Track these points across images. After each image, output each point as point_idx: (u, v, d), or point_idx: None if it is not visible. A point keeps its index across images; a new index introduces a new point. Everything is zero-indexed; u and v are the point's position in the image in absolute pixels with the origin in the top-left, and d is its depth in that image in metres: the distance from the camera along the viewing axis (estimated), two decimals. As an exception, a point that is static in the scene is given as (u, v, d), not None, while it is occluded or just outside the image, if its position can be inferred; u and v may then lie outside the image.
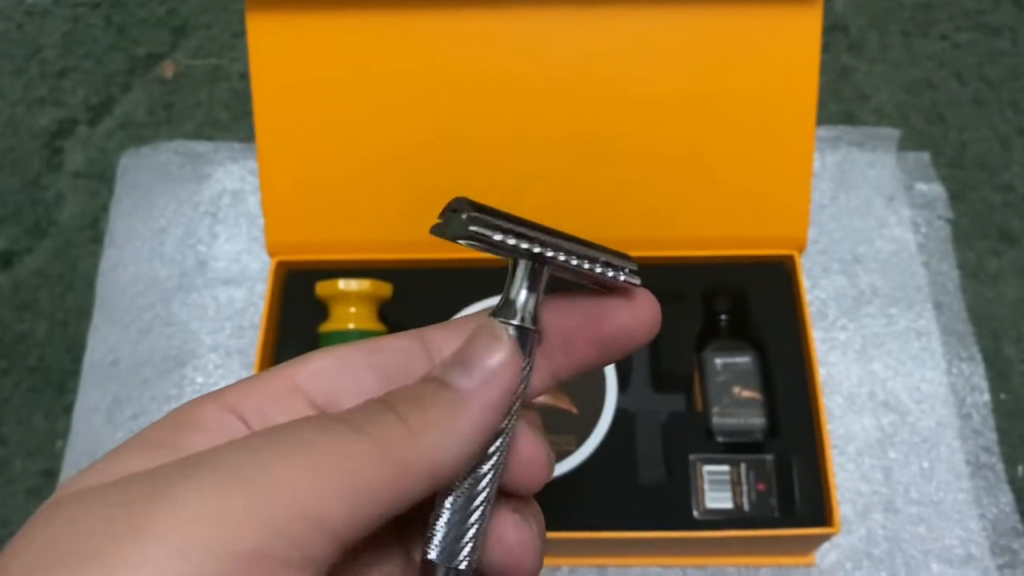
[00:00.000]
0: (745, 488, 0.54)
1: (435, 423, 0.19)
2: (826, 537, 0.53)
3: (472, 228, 0.20)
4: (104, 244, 0.70)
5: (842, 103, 0.74)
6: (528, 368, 0.22)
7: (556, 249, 0.21)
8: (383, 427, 0.19)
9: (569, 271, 0.22)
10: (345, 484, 0.17)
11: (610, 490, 0.54)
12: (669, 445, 0.56)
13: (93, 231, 0.71)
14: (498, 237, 0.21)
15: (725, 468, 0.55)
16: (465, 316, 0.24)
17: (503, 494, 0.22)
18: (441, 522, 0.21)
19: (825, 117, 0.73)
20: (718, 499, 0.54)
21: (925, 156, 0.71)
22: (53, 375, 0.66)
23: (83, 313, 0.68)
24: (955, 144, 0.72)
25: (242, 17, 0.55)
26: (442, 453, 0.19)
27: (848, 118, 0.74)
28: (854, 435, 0.61)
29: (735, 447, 0.56)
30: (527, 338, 0.22)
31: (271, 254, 0.59)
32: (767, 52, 0.55)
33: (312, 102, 0.56)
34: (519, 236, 0.21)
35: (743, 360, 0.57)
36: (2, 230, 0.71)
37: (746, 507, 0.54)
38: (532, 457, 0.22)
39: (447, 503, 0.21)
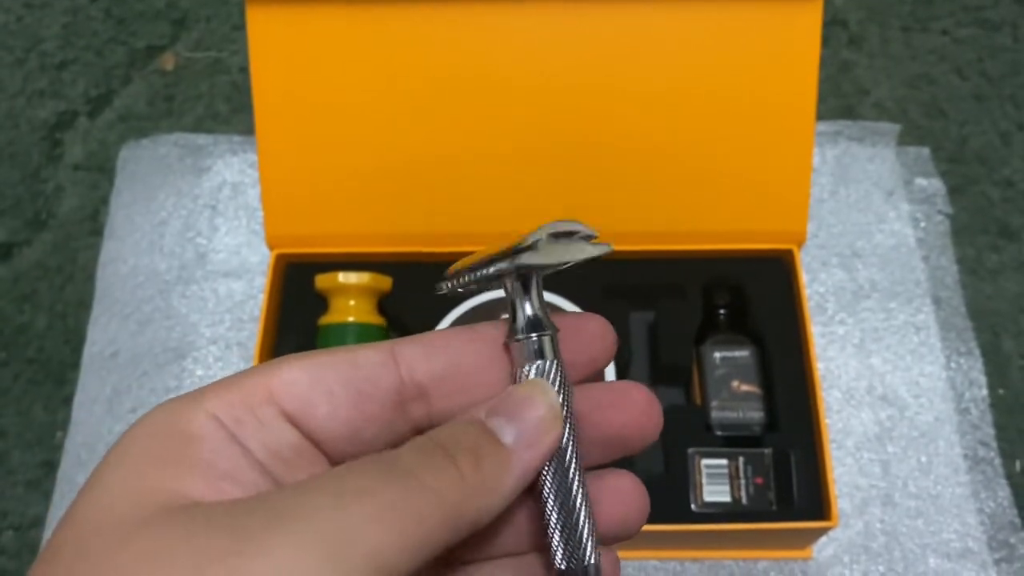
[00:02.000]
0: (743, 482, 0.54)
1: (488, 480, 0.21)
2: (824, 531, 0.53)
3: (466, 281, 0.24)
4: (104, 236, 0.70)
5: (842, 98, 0.74)
6: (561, 367, 0.23)
7: (532, 253, 0.23)
8: (442, 478, 0.20)
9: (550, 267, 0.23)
10: (408, 533, 0.19)
11: (608, 483, 0.54)
12: (667, 438, 0.56)
13: (93, 223, 0.71)
14: (482, 272, 0.23)
15: (723, 462, 0.55)
16: (439, 331, 0.25)
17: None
18: (555, 534, 0.22)
19: (825, 112, 0.73)
20: (716, 492, 0.54)
21: (925, 151, 0.71)
22: (53, 367, 0.66)
23: (83, 305, 0.68)
24: (955, 139, 0.72)
25: (242, 10, 0.55)
26: (491, 507, 0.21)
27: (848, 113, 0.74)
28: (852, 429, 0.61)
29: (733, 441, 0.56)
30: (551, 343, 0.23)
31: (271, 247, 0.59)
32: (767, 47, 0.55)
33: (312, 95, 0.56)
34: (498, 263, 0.23)
35: (742, 354, 0.58)
36: (2, 222, 0.71)
37: (744, 500, 0.54)
38: (644, 421, 0.24)
39: (551, 515, 0.22)
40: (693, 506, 0.54)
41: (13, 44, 0.78)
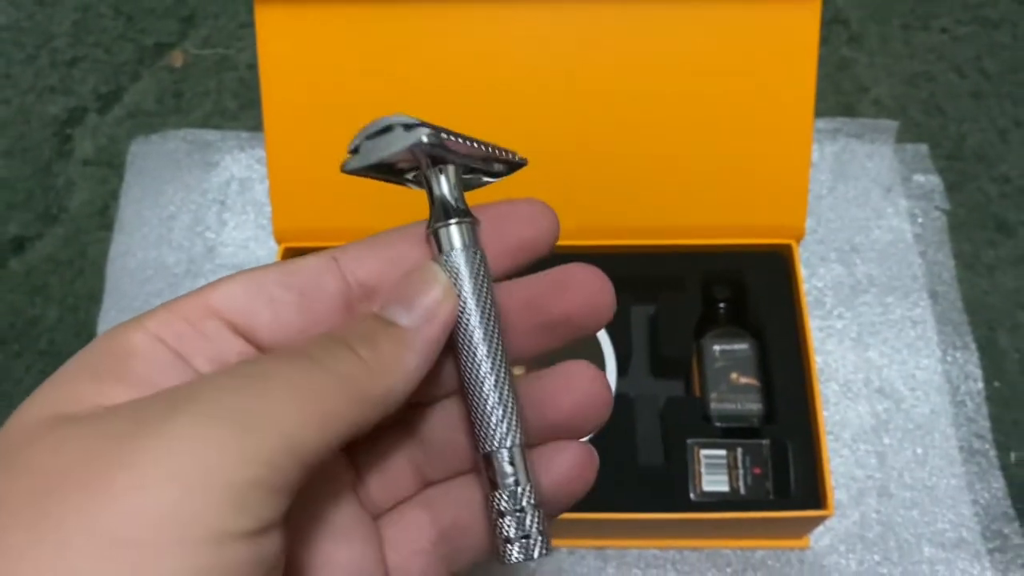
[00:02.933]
0: (741, 472, 0.55)
1: (387, 360, 0.22)
2: (820, 520, 0.54)
3: (378, 158, 0.23)
4: (113, 230, 0.71)
5: (841, 95, 0.75)
6: (480, 254, 0.24)
7: (447, 133, 0.23)
8: (343, 363, 0.21)
9: (467, 155, 0.24)
10: (316, 413, 0.19)
11: (609, 473, 0.55)
12: (667, 429, 0.57)
13: (103, 218, 0.72)
14: (394, 151, 0.23)
15: (722, 452, 0.56)
16: (384, 233, 0.25)
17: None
18: (477, 421, 0.23)
19: (824, 109, 0.73)
20: (715, 482, 0.55)
21: (923, 148, 0.72)
22: (64, 359, 0.66)
23: (93, 298, 0.69)
24: (953, 136, 0.73)
25: (250, 7, 0.56)
26: (395, 386, 0.22)
27: (847, 110, 0.74)
28: (849, 421, 0.62)
29: (732, 432, 0.57)
30: (467, 230, 0.24)
31: (278, 241, 0.60)
32: (767, 44, 0.56)
33: (319, 91, 0.57)
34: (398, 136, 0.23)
35: (741, 347, 0.58)
36: (14, 216, 0.72)
37: (742, 490, 0.55)
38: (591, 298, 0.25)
39: (473, 404, 0.23)
40: (692, 496, 0.55)
41: (24, 41, 0.80)
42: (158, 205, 0.71)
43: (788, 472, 0.55)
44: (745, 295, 0.60)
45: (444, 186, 0.24)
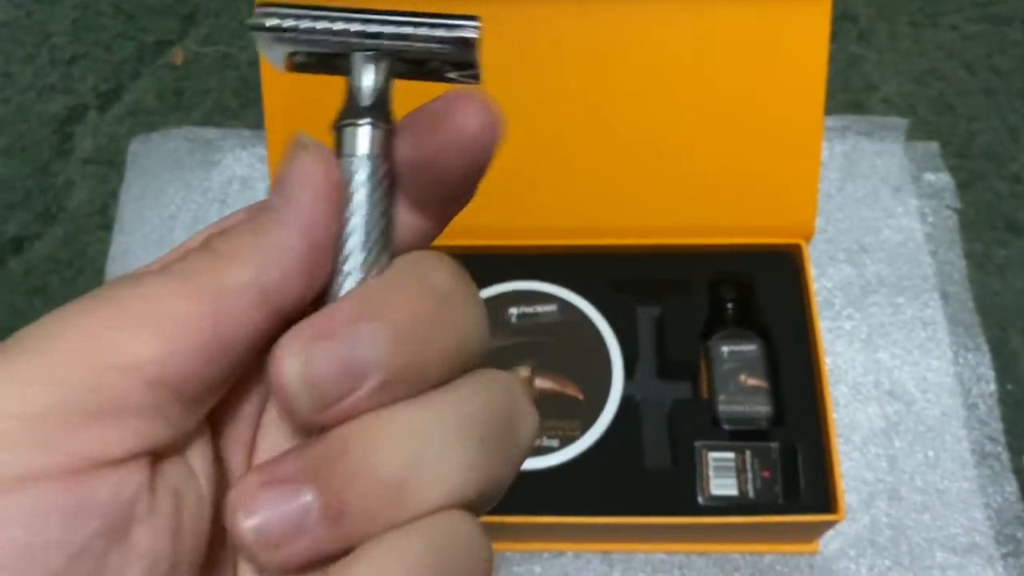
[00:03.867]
0: (750, 475, 0.54)
1: (243, 242, 0.18)
2: (830, 524, 0.53)
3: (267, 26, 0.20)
4: (114, 230, 0.70)
5: (850, 93, 0.74)
6: (387, 169, 0.20)
7: (381, 24, 0.20)
8: (192, 263, 0.18)
9: (404, 45, 0.20)
10: (156, 326, 0.16)
11: (615, 476, 0.54)
12: (674, 432, 0.56)
13: (103, 217, 0.71)
14: (293, 24, 0.20)
15: (730, 455, 0.55)
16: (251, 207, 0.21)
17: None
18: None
19: (833, 107, 0.73)
20: (723, 486, 0.54)
21: (933, 146, 0.71)
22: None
23: (93, 298, 0.68)
24: (963, 134, 0.72)
25: (251, 4, 0.55)
26: (257, 264, 0.18)
27: (856, 108, 0.73)
28: (859, 424, 0.61)
29: (740, 435, 0.56)
30: (377, 136, 0.20)
31: (280, 240, 0.59)
32: (776, 42, 0.55)
33: (321, 90, 0.56)
34: (331, 19, 0.20)
35: (749, 348, 0.58)
36: (13, 216, 0.72)
37: (751, 494, 0.54)
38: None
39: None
40: (700, 499, 0.54)
41: (24, 39, 0.79)
42: (159, 204, 0.71)
43: (797, 475, 0.54)
44: (753, 296, 0.59)
45: (361, 76, 0.20)
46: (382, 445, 0.17)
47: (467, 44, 0.20)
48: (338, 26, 0.20)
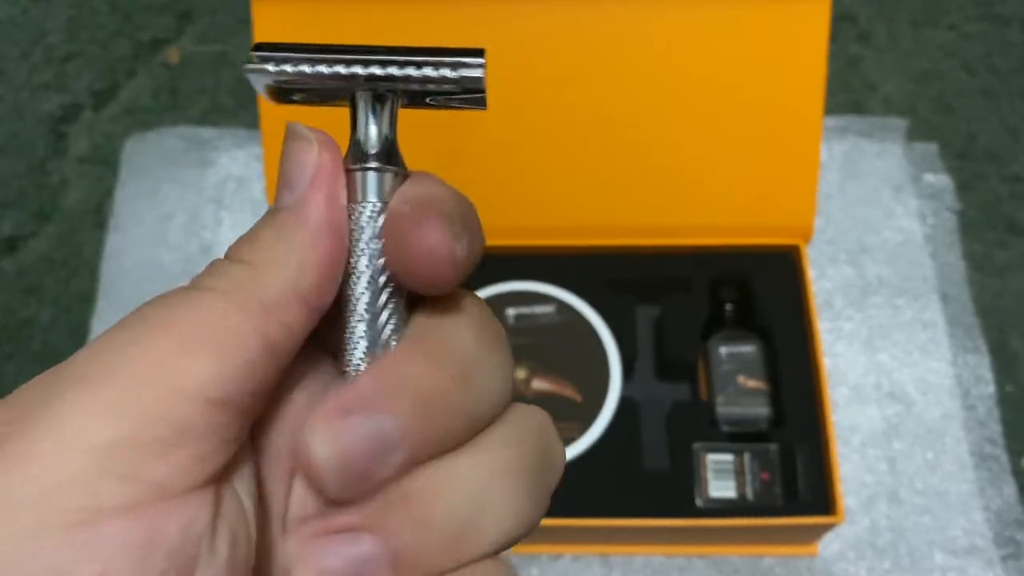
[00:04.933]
0: (749, 477, 0.54)
1: (272, 249, 0.18)
2: (830, 526, 0.53)
3: (269, 72, 0.19)
4: (108, 229, 0.70)
5: (850, 93, 0.74)
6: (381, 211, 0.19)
7: (384, 65, 0.19)
8: (226, 278, 0.18)
9: (408, 86, 0.19)
10: (211, 347, 0.16)
11: (613, 478, 0.54)
12: (673, 433, 0.56)
13: (97, 216, 0.71)
14: (296, 69, 0.19)
15: (729, 457, 0.55)
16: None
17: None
18: (348, 338, 0.20)
19: (833, 107, 0.72)
20: (722, 488, 0.54)
21: (933, 147, 0.71)
22: (57, 360, 0.65)
23: (87, 299, 0.68)
24: (963, 135, 0.72)
25: (247, 3, 0.55)
26: (293, 270, 0.18)
27: (856, 108, 0.73)
28: (859, 425, 0.61)
29: (739, 436, 0.56)
30: (384, 182, 0.19)
31: (276, 240, 0.59)
32: (776, 42, 0.55)
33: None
34: (332, 63, 0.19)
35: (748, 349, 0.57)
36: (7, 215, 0.71)
37: (750, 496, 0.54)
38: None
39: (348, 321, 0.19)
40: (698, 501, 0.54)
41: (19, 37, 0.78)
42: (154, 204, 0.70)
43: (796, 477, 0.53)
44: (753, 296, 0.59)
45: (367, 120, 0.20)
46: (443, 495, 0.18)
47: (474, 82, 0.19)
48: (341, 70, 0.19)
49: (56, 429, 0.15)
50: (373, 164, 0.19)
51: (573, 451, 0.53)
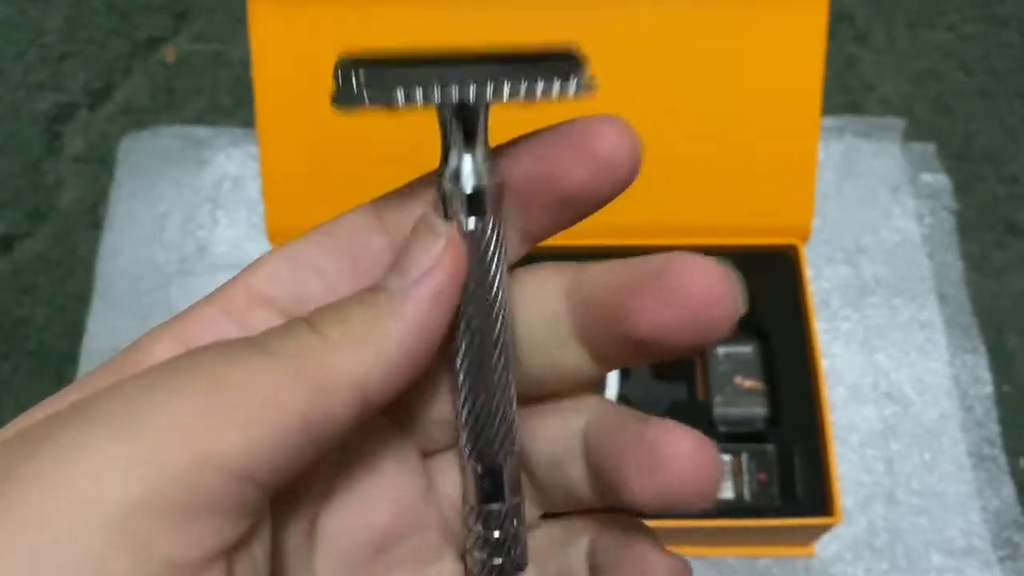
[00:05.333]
0: (746, 478, 0.54)
1: (355, 331, 0.17)
2: (827, 527, 0.53)
3: (368, 95, 0.17)
4: (104, 229, 0.70)
5: (847, 93, 0.74)
6: (499, 226, 0.19)
7: (481, 82, 0.18)
8: (295, 343, 0.16)
9: (507, 100, 0.18)
10: (250, 416, 0.15)
11: (610, 479, 0.54)
12: (670, 434, 0.55)
13: (93, 216, 0.71)
14: (401, 96, 0.17)
15: (726, 458, 0.54)
16: (419, 179, 0.20)
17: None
18: (465, 426, 0.19)
19: (830, 107, 0.72)
20: (719, 489, 0.54)
21: (931, 147, 0.71)
22: (52, 360, 0.66)
23: (82, 298, 0.67)
24: (961, 135, 0.72)
25: (244, 2, 0.55)
26: (367, 361, 0.17)
27: (853, 108, 0.73)
28: (856, 426, 0.61)
29: (737, 437, 0.55)
30: (484, 198, 0.18)
31: (271, 239, 0.59)
32: (773, 42, 0.55)
33: (314, 88, 0.56)
34: (427, 84, 0.17)
35: (745, 350, 0.57)
36: (2, 214, 0.71)
37: (747, 497, 0.54)
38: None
39: (462, 405, 0.19)
40: (696, 502, 0.53)
41: (15, 36, 0.78)
42: (149, 203, 0.70)
43: (794, 478, 0.53)
44: (750, 296, 0.58)
45: (462, 149, 0.19)
46: None
47: (577, 93, 0.19)
48: (435, 92, 0.18)
49: (66, 487, 0.14)
50: (476, 184, 0.18)
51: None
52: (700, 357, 0.58)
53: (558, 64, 0.19)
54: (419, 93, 0.17)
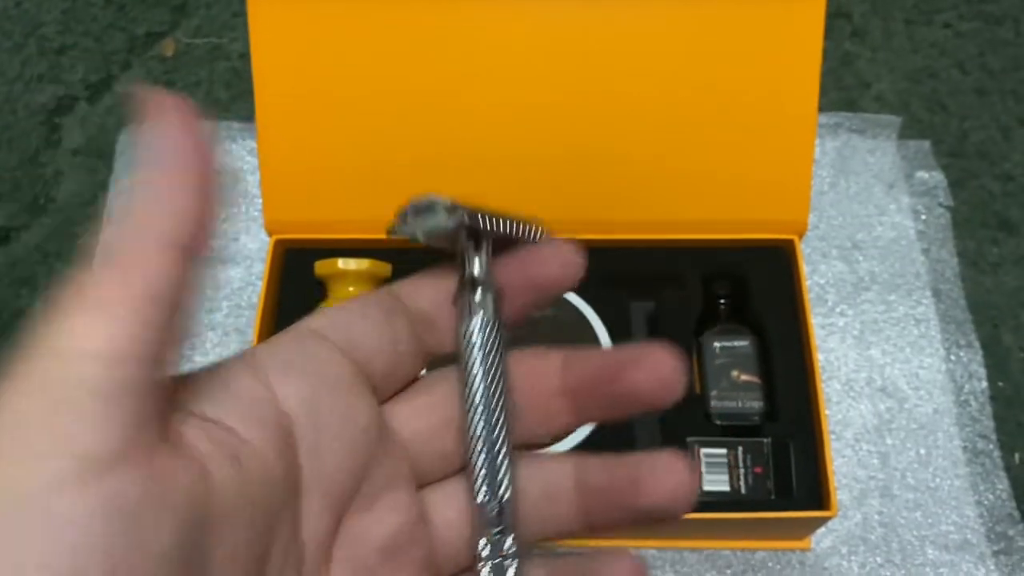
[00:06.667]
0: (742, 471, 0.54)
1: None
2: (823, 521, 0.53)
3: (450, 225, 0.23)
4: (102, 222, 0.69)
5: (844, 90, 0.74)
6: (499, 326, 0.25)
7: (488, 222, 0.24)
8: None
9: (499, 236, 0.25)
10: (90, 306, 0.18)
11: (607, 472, 0.54)
12: (667, 427, 0.56)
13: (92, 208, 0.71)
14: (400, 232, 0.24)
15: (722, 451, 0.55)
16: (429, 271, 0.26)
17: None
18: (474, 468, 0.24)
19: (826, 104, 0.72)
20: (715, 482, 0.54)
21: (926, 144, 0.71)
22: (50, 352, 0.66)
23: (81, 291, 0.67)
24: (956, 133, 0.72)
25: (243, -5, 0.55)
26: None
27: (849, 105, 0.73)
28: (851, 421, 0.61)
29: (733, 430, 0.56)
30: (493, 302, 0.25)
31: (269, 233, 0.59)
32: (770, 39, 0.55)
33: (312, 82, 0.56)
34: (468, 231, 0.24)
35: (742, 344, 0.57)
36: (1, 207, 0.71)
37: (743, 490, 0.54)
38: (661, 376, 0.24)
39: (472, 453, 0.24)
40: (692, 495, 0.54)
41: (12, 29, 0.78)
42: (148, 196, 0.70)
43: (790, 471, 0.54)
44: (746, 291, 0.59)
45: (475, 261, 0.25)
46: None
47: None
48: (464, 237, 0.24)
49: None
50: (488, 293, 0.25)
51: (565, 445, 0.53)
52: (697, 351, 0.58)
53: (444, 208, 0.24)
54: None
